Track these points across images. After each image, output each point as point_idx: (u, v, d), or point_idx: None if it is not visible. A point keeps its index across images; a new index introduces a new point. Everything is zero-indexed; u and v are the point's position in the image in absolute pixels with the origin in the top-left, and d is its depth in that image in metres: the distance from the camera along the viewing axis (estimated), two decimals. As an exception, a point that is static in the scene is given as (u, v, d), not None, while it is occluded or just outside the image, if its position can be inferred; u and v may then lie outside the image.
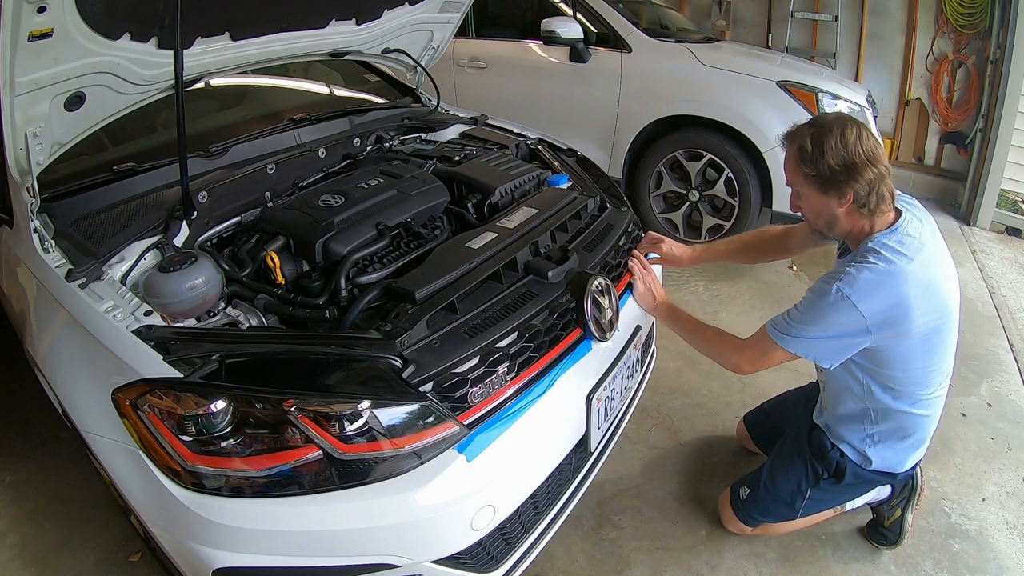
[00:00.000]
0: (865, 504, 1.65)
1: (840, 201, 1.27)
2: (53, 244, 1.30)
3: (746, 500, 1.59)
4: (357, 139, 1.97)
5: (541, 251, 1.44)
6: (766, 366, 1.40)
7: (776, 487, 1.55)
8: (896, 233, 1.27)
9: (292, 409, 1.01)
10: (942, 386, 1.40)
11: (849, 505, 1.64)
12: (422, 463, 1.07)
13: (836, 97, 2.95)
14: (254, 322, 1.28)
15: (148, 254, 1.35)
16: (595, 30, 3.28)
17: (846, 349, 1.30)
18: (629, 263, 1.61)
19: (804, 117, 2.78)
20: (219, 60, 1.68)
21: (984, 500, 1.82)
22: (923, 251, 1.26)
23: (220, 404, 1.02)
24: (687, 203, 3.19)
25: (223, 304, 1.31)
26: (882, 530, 1.63)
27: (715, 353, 1.49)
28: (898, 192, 1.32)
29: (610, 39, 3.24)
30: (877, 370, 1.35)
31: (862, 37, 4.61)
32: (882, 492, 1.61)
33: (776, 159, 2.86)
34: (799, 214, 1.39)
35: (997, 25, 3.88)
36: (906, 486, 1.61)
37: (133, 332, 1.11)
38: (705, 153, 3.03)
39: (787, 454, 1.59)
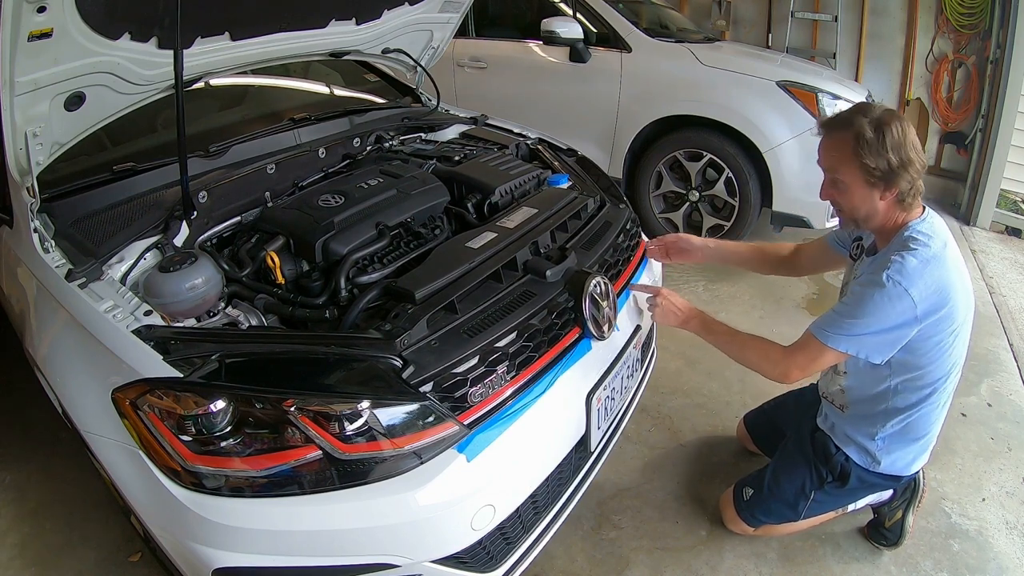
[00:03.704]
0: (867, 505, 1.65)
1: (884, 194, 1.27)
2: (53, 244, 1.30)
3: (750, 501, 1.59)
4: (357, 139, 1.97)
5: (541, 251, 1.44)
6: (815, 371, 1.37)
7: (780, 488, 1.55)
8: (926, 222, 1.30)
9: (292, 409, 1.01)
10: (956, 377, 1.40)
11: (851, 507, 1.64)
12: (422, 463, 1.07)
13: (836, 97, 2.95)
14: (254, 322, 1.28)
15: (148, 254, 1.35)
16: (595, 30, 3.28)
17: (896, 341, 1.28)
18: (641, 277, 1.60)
19: (804, 117, 2.85)
20: (219, 60, 1.68)
21: (984, 500, 1.82)
22: (949, 240, 1.30)
23: (220, 404, 1.02)
24: (687, 203, 3.19)
25: (223, 304, 1.31)
26: (883, 531, 1.63)
27: (758, 362, 1.43)
28: None
29: (610, 39, 3.25)
30: (910, 360, 1.33)
31: (862, 37, 4.61)
32: (884, 494, 1.61)
33: (776, 159, 2.87)
34: (828, 201, 1.37)
35: (997, 25, 3.87)
36: (908, 487, 1.61)
37: (133, 332, 1.11)
38: (705, 153, 3.03)
39: (791, 455, 1.59)
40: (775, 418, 1.84)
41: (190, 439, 1.02)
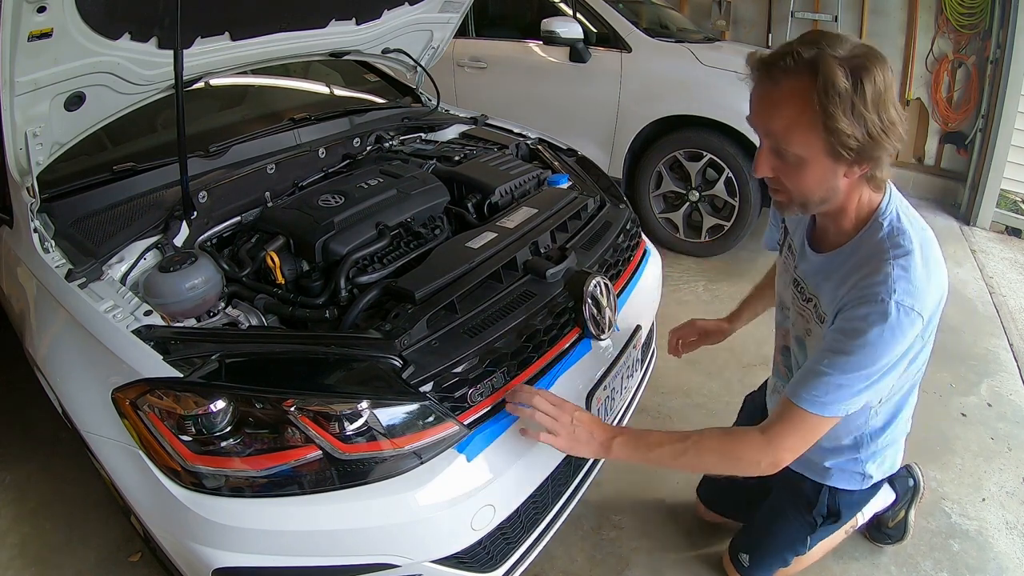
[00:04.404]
0: (873, 516, 1.62)
1: (850, 170, 0.92)
2: (53, 244, 1.30)
3: (751, 567, 1.45)
4: (357, 139, 1.97)
5: (541, 251, 1.44)
6: (811, 444, 1.03)
7: (775, 544, 1.41)
8: (894, 199, 1.01)
9: (292, 409, 1.01)
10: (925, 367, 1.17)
11: (861, 522, 1.61)
12: (422, 463, 1.07)
13: (836, 97, 2.94)
14: (254, 322, 1.28)
15: (148, 254, 1.35)
16: (595, 30, 3.28)
17: (901, 367, 1.00)
18: (518, 400, 1.11)
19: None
20: (219, 60, 1.68)
21: (984, 500, 1.82)
22: (919, 216, 1.03)
23: (220, 404, 1.02)
24: (687, 203, 3.19)
25: (223, 304, 1.31)
26: (886, 531, 1.62)
27: (733, 460, 1.05)
28: None
29: (610, 39, 3.25)
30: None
31: (862, 37, 4.56)
32: (887, 500, 1.60)
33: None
34: (765, 177, 0.99)
35: (997, 25, 3.87)
36: (908, 489, 1.60)
37: (133, 332, 1.11)
38: (705, 153, 3.03)
39: (773, 504, 1.42)
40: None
41: (190, 439, 1.02)
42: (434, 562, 1.12)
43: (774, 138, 0.93)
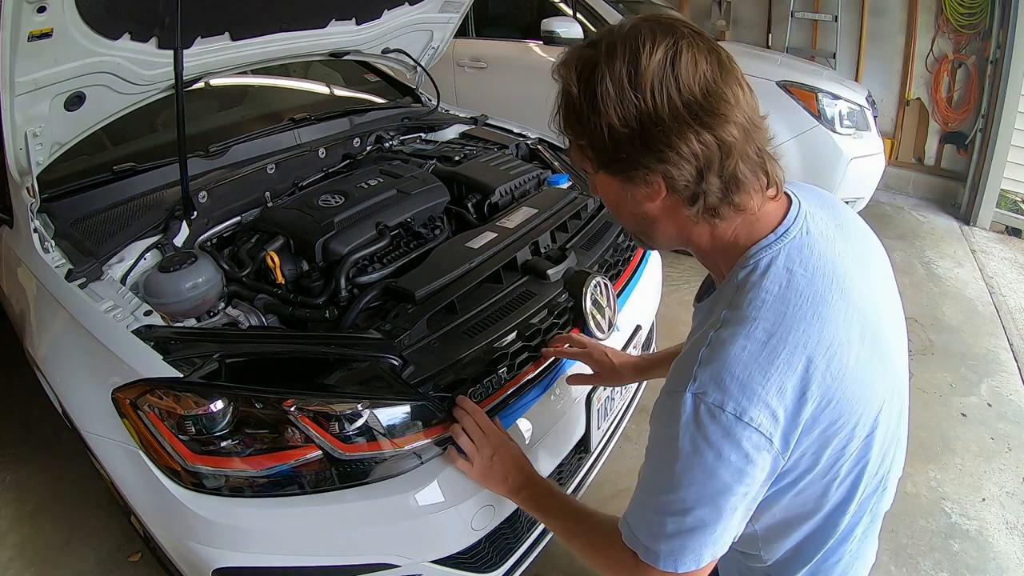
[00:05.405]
0: None
1: (648, 191, 0.68)
2: (53, 244, 1.30)
3: None
4: (357, 139, 1.97)
5: (541, 251, 1.44)
6: None
7: None
8: (789, 243, 0.69)
9: (292, 409, 1.01)
10: (874, 499, 0.78)
11: None
12: (422, 463, 1.07)
13: (836, 97, 2.95)
14: (254, 322, 1.28)
15: (148, 254, 1.35)
16: (595, 30, 3.28)
17: (754, 502, 0.69)
18: (455, 421, 1.05)
19: (804, 117, 2.84)
20: (219, 60, 1.68)
21: (984, 500, 1.82)
22: (836, 267, 0.69)
23: (220, 404, 1.01)
24: (687, 203, 3.19)
25: (223, 304, 1.31)
26: None
27: (602, 567, 0.87)
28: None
29: (610, 39, 3.25)
30: (780, 503, 0.74)
31: (862, 37, 4.61)
32: None
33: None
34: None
35: (997, 25, 3.87)
36: None
37: (133, 332, 1.11)
38: (705, 153, 3.02)
39: None
40: None
41: (190, 439, 1.02)
42: (434, 562, 1.12)
43: (571, 157, 0.79)
